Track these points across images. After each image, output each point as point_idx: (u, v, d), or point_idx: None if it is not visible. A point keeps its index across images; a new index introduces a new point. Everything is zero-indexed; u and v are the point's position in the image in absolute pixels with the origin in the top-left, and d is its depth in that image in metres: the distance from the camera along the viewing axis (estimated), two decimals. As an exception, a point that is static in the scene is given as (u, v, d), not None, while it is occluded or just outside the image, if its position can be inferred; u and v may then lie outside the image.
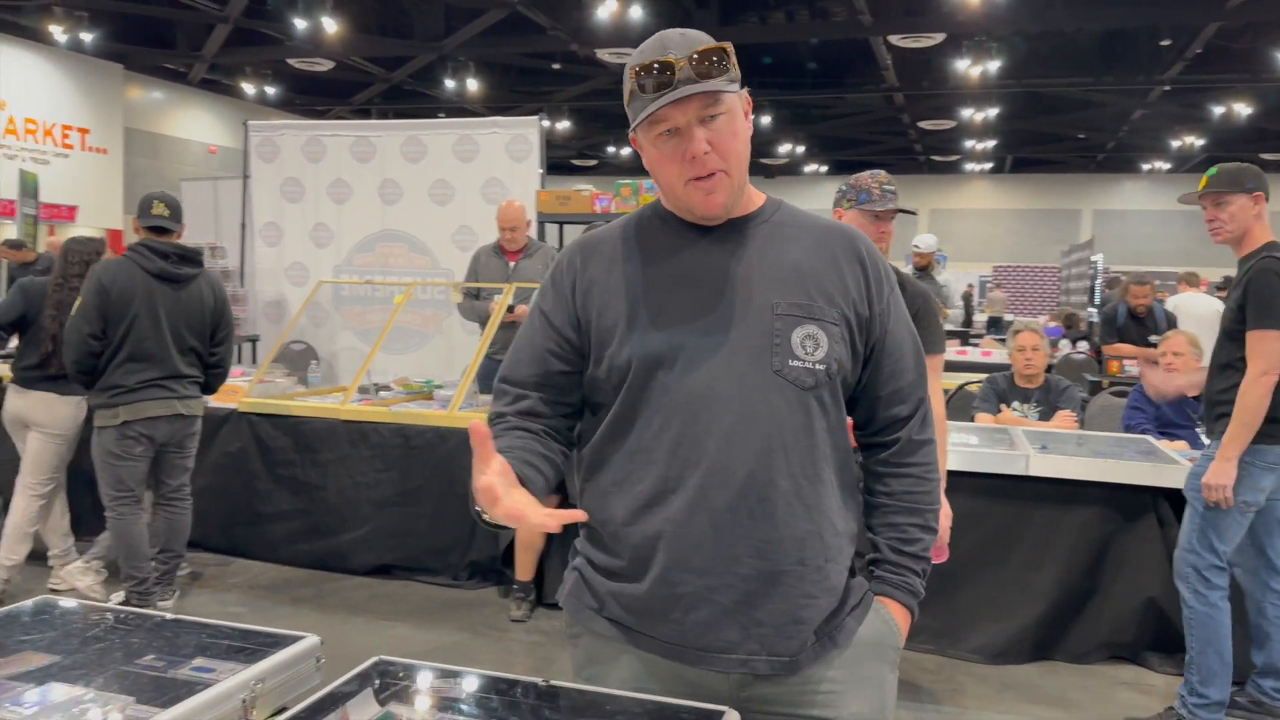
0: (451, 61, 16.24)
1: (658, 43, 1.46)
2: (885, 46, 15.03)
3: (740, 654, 1.47)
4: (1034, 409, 4.89)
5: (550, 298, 1.60)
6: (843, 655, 1.52)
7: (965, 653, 4.04)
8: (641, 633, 1.52)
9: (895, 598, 1.60)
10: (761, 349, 1.47)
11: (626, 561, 1.52)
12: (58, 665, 1.58)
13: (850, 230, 1.61)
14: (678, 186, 1.48)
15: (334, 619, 4.32)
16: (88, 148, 17.31)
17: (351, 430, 4.80)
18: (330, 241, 7.05)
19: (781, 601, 1.47)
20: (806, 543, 1.48)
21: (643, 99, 1.44)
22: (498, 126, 6.70)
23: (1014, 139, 21.92)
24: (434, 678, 1.56)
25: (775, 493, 1.45)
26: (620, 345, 1.50)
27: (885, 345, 1.57)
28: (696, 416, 1.46)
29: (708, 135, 1.44)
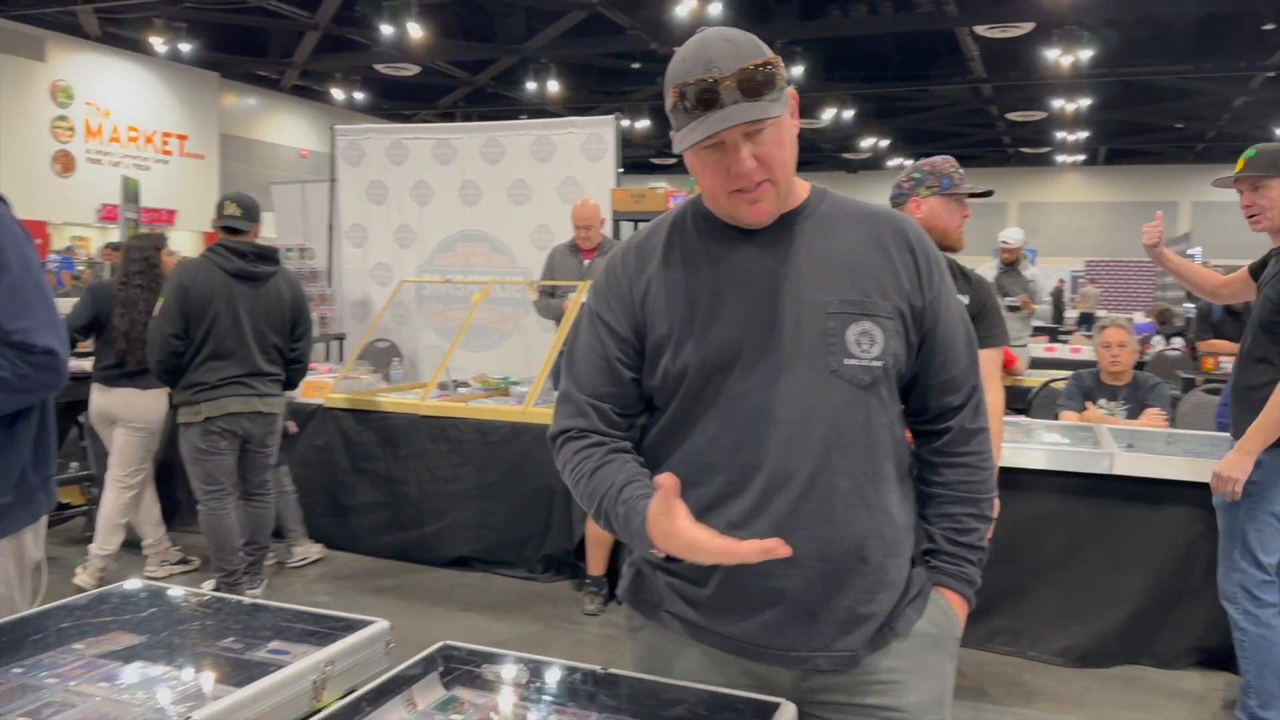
0: (533, 64, 16.43)
1: (700, 52, 1.39)
2: (971, 37, 14.73)
3: (802, 652, 1.48)
4: (1121, 407, 4.75)
5: (611, 304, 1.57)
6: (902, 645, 1.53)
7: (1045, 655, 3.95)
8: (704, 628, 1.53)
9: (952, 588, 1.60)
10: (816, 349, 1.45)
11: (690, 565, 1.50)
12: (143, 645, 1.66)
13: (897, 216, 1.57)
14: (721, 197, 1.46)
15: (414, 608, 4.42)
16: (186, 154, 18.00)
17: (431, 425, 4.90)
18: (413, 242, 7.21)
19: (844, 599, 1.47)
20: (868, 541, 1.48)
21: (686, 116, 1.40)
22: (574, 126, 6.76)
23: (1107, 130, 21.27)
24: (497, 663, 1.60)
25: (836, 494, 1.45)
26: (675, 353, 1.49)
27: (937, 334, 1.55)
28: (755, 421, 1.45)
29: (753, 149, 1.40)
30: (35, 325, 1.99)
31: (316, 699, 1.56)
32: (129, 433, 4.70)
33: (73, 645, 1.65)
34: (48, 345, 2.00)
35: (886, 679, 1.51)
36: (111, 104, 16.68)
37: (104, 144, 16.57)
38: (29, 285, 2.00)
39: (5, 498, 2.07)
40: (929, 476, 1.63)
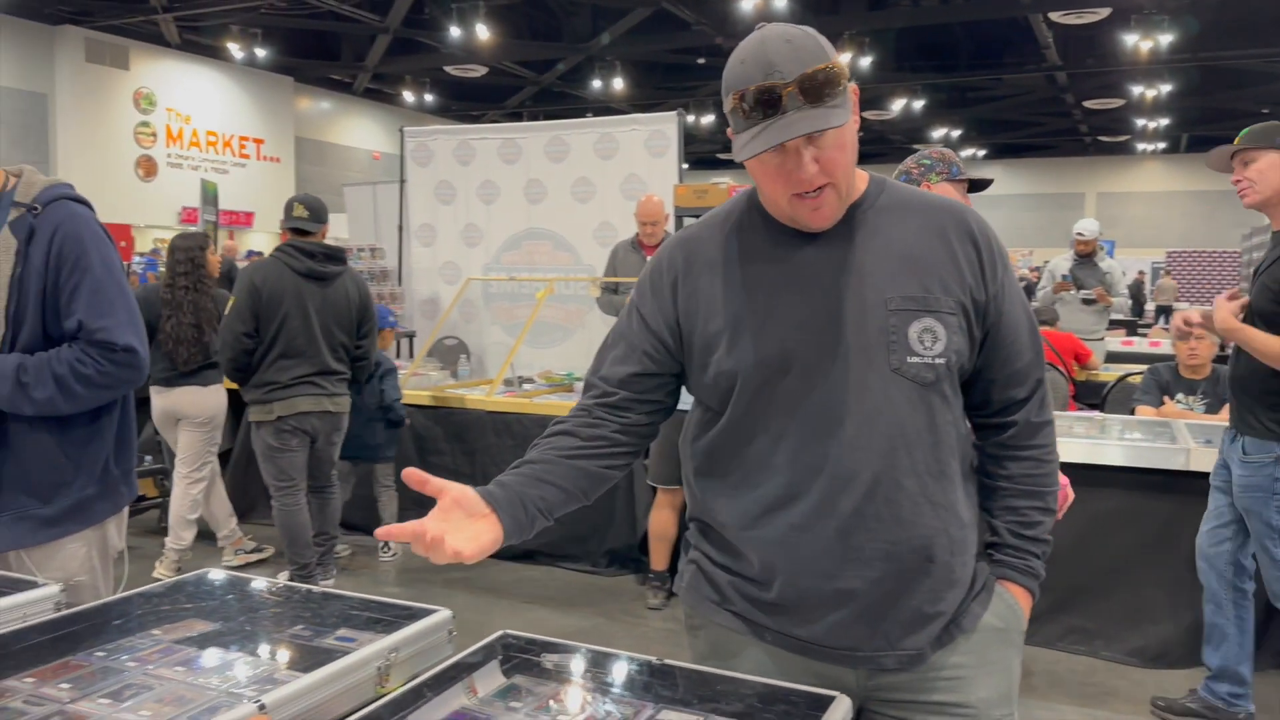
0: (599, 61, 16.51)
1: (760, 54, 1.35)
2: (1046, 24, 14.41)
3: (867, 651, 1.47)
4: (1200, 401, 4.62)
5: (650, 299, 1.56)
6: (969, 640, 1.51)
7: (1119, 655, 3.87)
8: (768, 628, 1.52)
9: (1017, 581, 1.58)
10: (877, 347, 1.42)
11: (750, 566, 1.51)
12: (217, 631, 1.71)
13: (959, 206, 1.54)
14: (782, 202, 1.43)
15: (480, 600, 4.49)
16: (262, 157, 18.45)
17: (496, 421, 4.97)
18: (480, 241, 7.30)
19: (911, 599, 1.46)
20: (935, 540, 1.45)
21: (745, 122, 1.36)
22: (636, 124, 6.78)
23: (1189, 116, 20.64)
24: (556, 652, 1.63)
25: (901, 493, 1.43)
26: (728, 352, 1.47)
27: (1001, 327, 1.52)
28: (815, 422, 1.43)
29: (815, 154, 1.36)
30: (117, 324, 2.08)
31: (381, 685, 1.60)
32: (193, 429, 4.82)
33: (151, 631, 1.71)
34: (128, 343, 2.09)
35: (954, 675, 1.50)
36: (191, 109, 17.19)
37: (184, 148, 17.09)
38: (111, 285, 2.09)
39: (89, 489, 2.17)
40: (992, 470, 1.60)
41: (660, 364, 1.56)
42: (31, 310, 2.06)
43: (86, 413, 2.14)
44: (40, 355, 2.06)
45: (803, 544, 1.45)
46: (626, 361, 1.56)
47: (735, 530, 1.52)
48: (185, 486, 4.83)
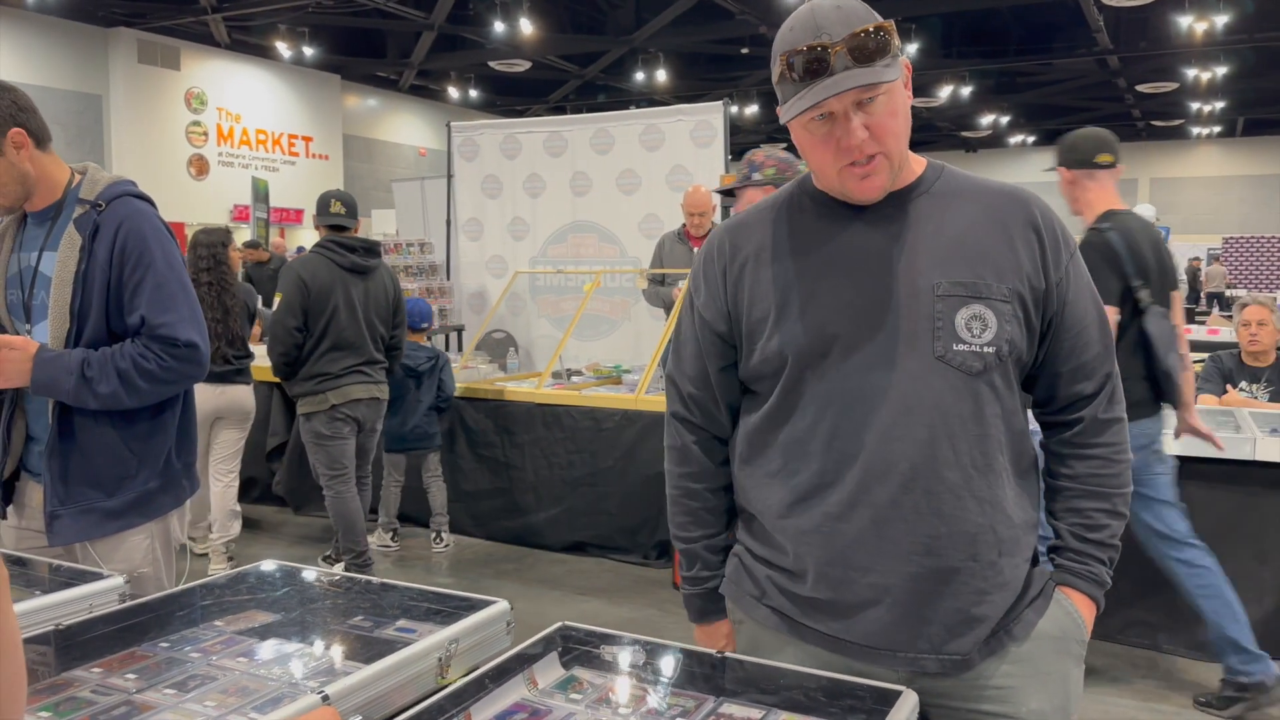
0: (642, 54, 16.47)
1: (809, 19, 1.33)
2: (1096, 7, 14.12)
3: (909, 653, 1.42)
4: (1264, 389, 4.50)
5: (703, 290, 1.55)
6: (1020, 649, 1.44)
7: (1182, 649, 3.78)
8: (806, 625, 1.48)
9: (1079, 588, 1.50)
10: (922, 333, 1.38)
11: (785, 555, 1.48)
12: (278, 623, 1.73)
13: (1022, 193, 1.48)
14: (831, 172, 1.39)
15: (532, 591, 4.51)
16: (311, 155, 18.68)
17: (546, 413, 4.98)
18: (526, 234, 7.32)
19: (953, 599, 1.40)
20: (979, 538, 1.40)
21: (794, 86, 1.34)
22: (682, 114, 6.75)
23: (1245, 99, 20.11)
24: (614, 644, 1.61)
25: (942, 486, 1.38)
26: (770, 336, 1.44)
27: (1065, 318, 1.46)
28: (852, 408, 1.40)
29: (865, 120, 1.33)
30: (178, 319, 2.10)
31: (441, 676, 1.60)
32: (233, 425, 4.86)
33: (214, 622, 1.74)
34: (190, 339, 2.11)
35: (1003, 684, 1.44)
36: (241, 108, 17.44)
37: (234, 147, 17.34)
38: (173, 281, 2.11)
39: (153, 482, 2.20)
40: (1056, 469, 1.54)
41: (723, 355, 1.54)
42: (95, 306, 2.09)
43: (149, 407, 2.17)
44: (104, 350, 2.09)
45: (837, 534, 1.42)
46: (696, 359, 1.58)
47: (773, 519, 1.49)
48: (226, 482, 4.88)
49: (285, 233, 17.34)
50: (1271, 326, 4.51)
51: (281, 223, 17.61)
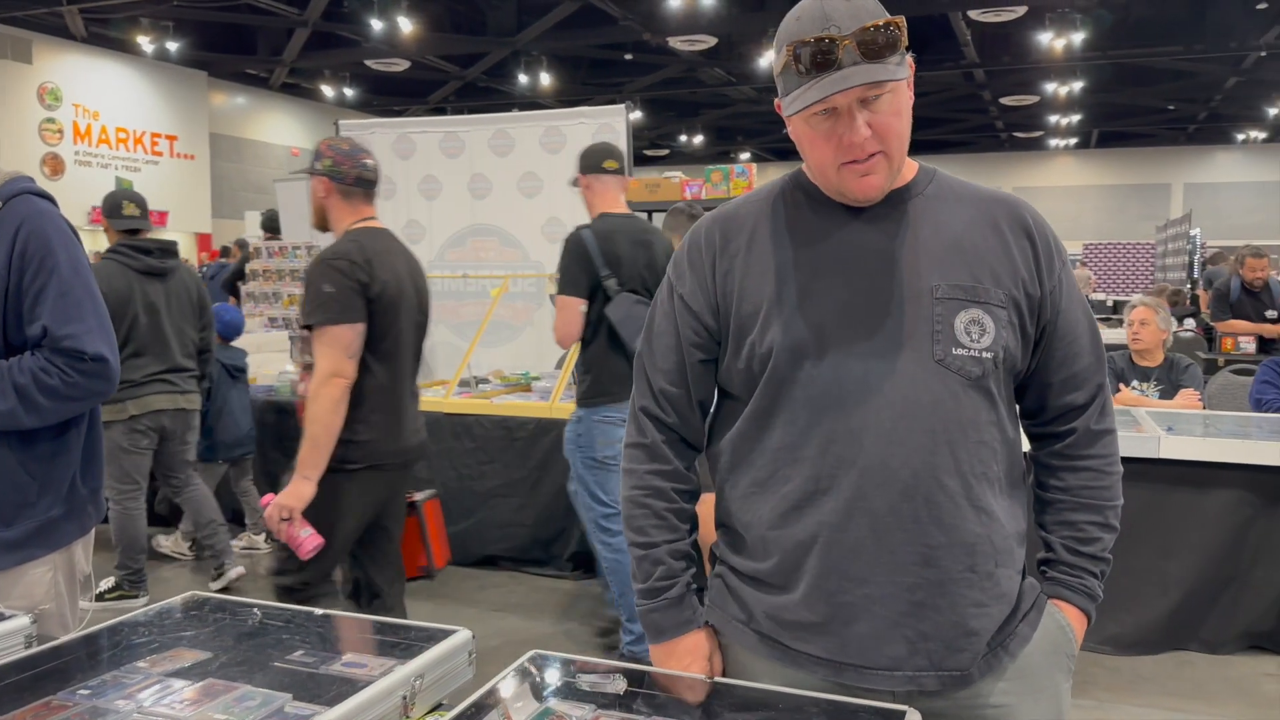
0: (524, 56, 16.31)
1: (818, 9, 1.29)
2: (965, 21, 14.67)
3: (907, 670, 1.36)
4: (1154, 388, 4.70)
5: (688, 279, 1.47)
6: (1015, 665, 1.41)
7: (1095, 643, 3.89)
8: (795, 649, 1.41)
9: (1072, 601, 1.49)
10: (921, 337, 1.34)
11: (775, 569, 1.41)
12: (212, 661, 1.58)
13: (1014, 199, 1.47)
14: (829, 170, 1.35)
15: (446, 610, 4.34)
16: (176, 154, 17.82)
17: (455, 423, 4.81)
18: (423, 238, 7.09)
19: (951, 612, 1.36)
20: (977, 547, 1.36)
21: (798, 79, 1.29)
22: (584, 117, 6.66)
23: (1100, 113, 21.27)
24: (592, 673, 1.51)
25: (942, 494, 1.34)
26: (762, 333, 1.38)
27: (1058, 327, 1.44)
28: (850, 412, 1.34)
29: (869, 118, 1.29)
30: (85, 330, 1.90)
31: (405, 715, 1.48)
32: None
33: (136, 664, 1.57)
34: (98, 352, 1.91)
35: (1000, 703, 1.40)
36: (99, 105, 16.48)
37: (93, 146, 16.38)
38: (78, 287, 1.90)
39: (55, 509, 1.98)
40: (1048, 481, 1.52)
41: (706, 349, 1.48)
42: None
43: (52, 427, 1.95)
44: (0, 364, 1.87)
45: (834, 543, 1.35)
46: (674, 351, 1.50)
47: (762, 529, 1.42)
48: None
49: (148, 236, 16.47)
50: (1154, 326, 4.70)
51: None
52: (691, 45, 14.76)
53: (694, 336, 1.47)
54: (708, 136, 24.21)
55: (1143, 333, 4.70)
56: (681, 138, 24.32)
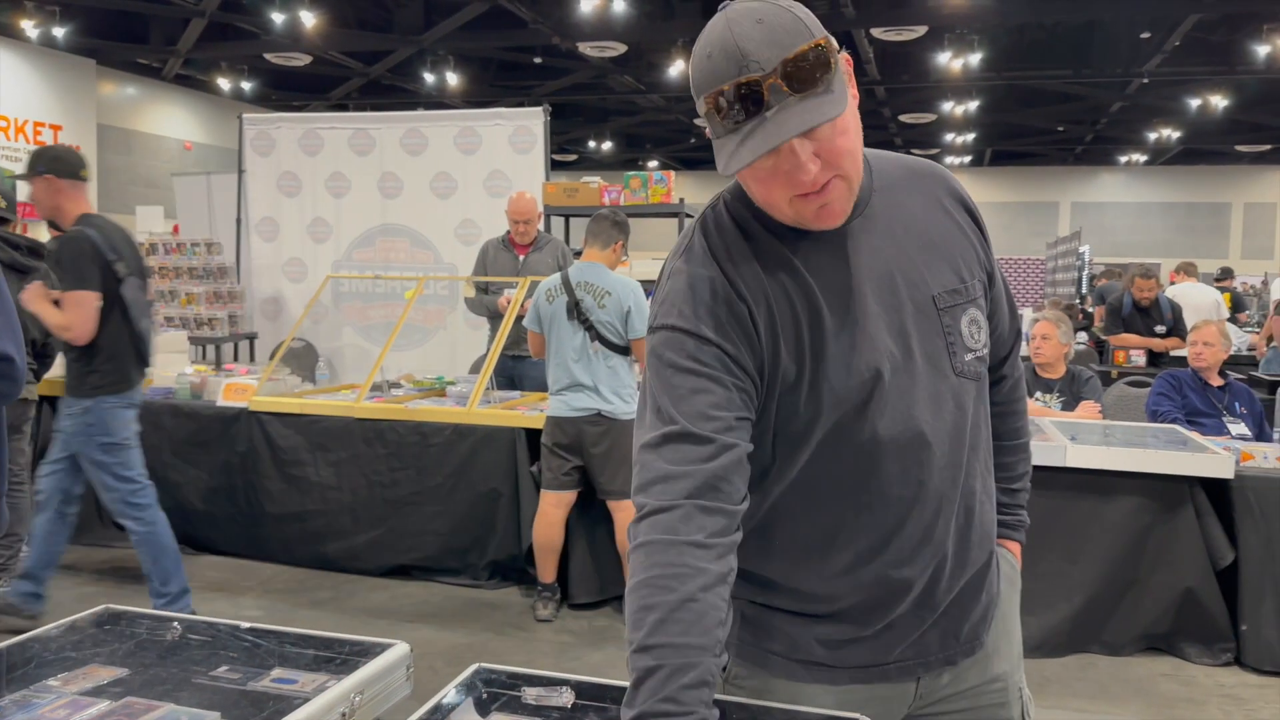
0: (431, 55, 16.07)
1: (729, 43, 1.12)
2: (867, 39, 15.02)
3: (940, 653, 1.40)
4: (1056, 399, 4.85)
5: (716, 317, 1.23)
6: (998, 612, 1.47)
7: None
8: (839, 667, 1.38)
9: (1014, 537, 1.58)
10: (939, 353, 1.30)
11: (837, 611, 1.36)
12: (131, 679, 1.50)
13: (938, 168, 1.41)
14: (783, 205, 1.20)
15: (356, 621, 4.20)
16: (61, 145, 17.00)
17: (366, 428, 4.68)
18: (329, 236, 6.91)
19: (974, 596, 1.40)
20: (992, 532, 1.43)
21: (723, 126, 1.14)
22: (501, 118, 6.58)
23: (993, 132, 22.03)
24: (537, 686, 1.47)
25: (974, 498, 1.37)
26: (811, 388, 1.25)
27: (995, 290, 1.44)
28: (904, 452, 1.28)
29: (814, 147, 1.15)
30: None
31: (342, 733, 1.42)
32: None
33: (46, 682, 1.48)
34: (5, 352, 1.78)
35: (989, 651, 1.44)
36: (-24, 91, 15.64)
37: (-32, 133, 15.53)
38: None
39: None
40: None
41: (754, 409, 1.25)
42: None
43: None
44: None
45: (902, 583, 1.33)
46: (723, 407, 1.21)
47: (816, 585, 1.35)
48: None
49: (28, 229, 15.68)
50: (1055, 340, 4.86)
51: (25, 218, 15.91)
52: (602, 51, 14.76)
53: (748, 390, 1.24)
54: (616, 143, 24.25)
55: (1044, 347, 4.85)
56: (590, 143, 24.30)
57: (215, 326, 6.77)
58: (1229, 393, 4.75)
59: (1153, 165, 24.69)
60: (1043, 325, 4.87)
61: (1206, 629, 3.91)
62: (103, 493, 3.94)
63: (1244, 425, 4.65)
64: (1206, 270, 13.37)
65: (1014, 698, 1.49)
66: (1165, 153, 23.13)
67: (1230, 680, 3.80)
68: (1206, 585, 3.88)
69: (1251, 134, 20.63)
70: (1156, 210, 23.13)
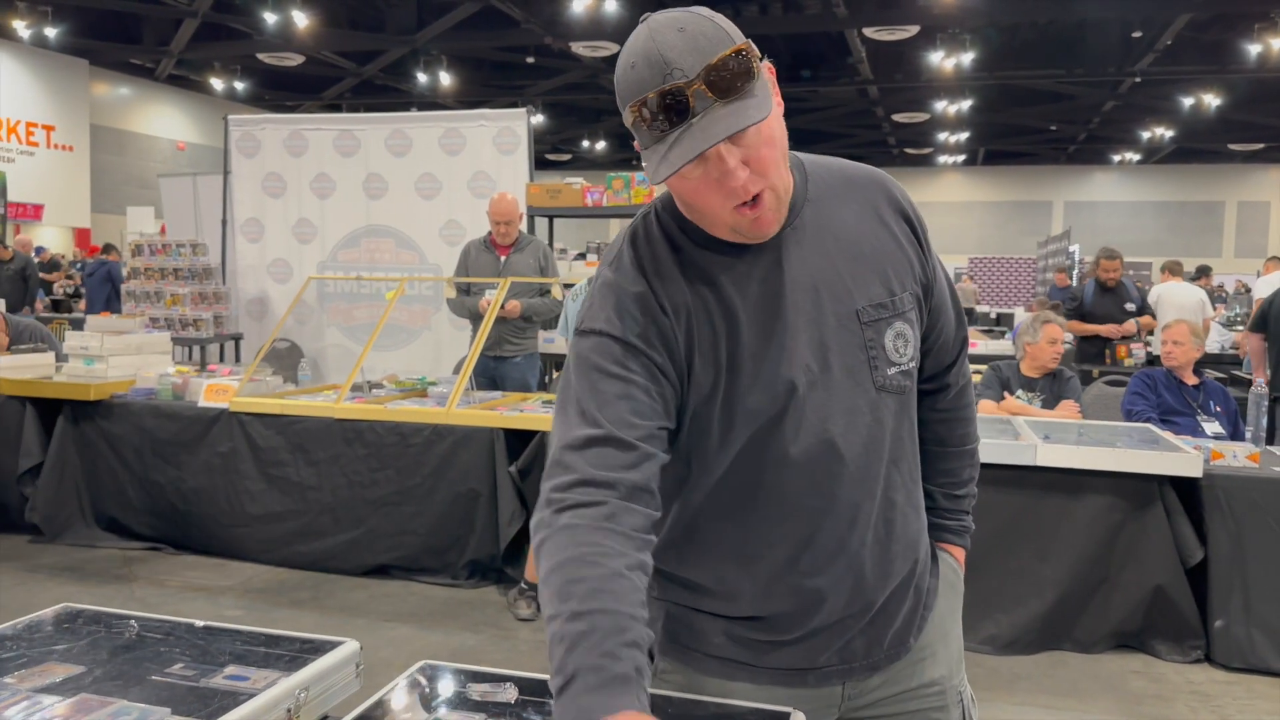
0: (424, 55, 16.08)
1: (653, 52, 1.14)
2: (859, 39, 15.04)
3: (863, 660, 1.42)
4: (1037, 398, 4.89)
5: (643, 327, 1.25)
6: (931, 616, 1.48)
7: (974, 644, 4.02)
8: (760, 667, 1.41)
9: (955, 542, 1.57)
10: (860, 366, 1.31)
11: (755, 614, 1.39)
12: (85, 676, 1.52)
13: (878, 177, 1.40)
14: (721, 215, 1.22)
15: (334, 621, 4.23)
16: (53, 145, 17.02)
17: (346, 429, 4.70)
18: (314, 237, 6.93)
19: (901, 604, 1.42)
20: (918, 541, 1.43)
21: (650, 134, 1.16)
22: (485, 119, 6.61)
23: (986, 131, 22.07)
24: (483, 682, 1.50)
25: (895, 511, 1.38)
26: (726, 399, 1.28)
27: (934, 297, 1.44)
28: (817, 462, 1.30)
29: (741, 154, 1.16)
30: None
31: (289, 729, 1.45)
32: None
33: (4, 679, 1.50)
34: None
35: (920, 657, 1.46)
36: (-31, 91, 15.64)
37: (-39, 134, 15.54)
38: None
39: None
40: (925, 435, 1.52)
41: (672, 416, 1.28)
42: None
43: None
44: None
45: (814, 590, 1.36)
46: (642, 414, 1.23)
47: (737, 586, 1.38)
48: None
49: (21, 229, 15.69)
50: (1059, 344, 4.91)
51: (19, 218, 15.92)
52: (594, 51, 14.79)
53: (666, 392, 1.27)
54: (610, 142, 24.28)
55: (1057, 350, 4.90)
56: (584, 143, 24.33)
57: (200, 327, 6.79)
58: (1204, 391, 4.79)
59: (1146, 164, 24.74)
60: (1057, 329, 4.91)
61: (1177, 626, 3.94)
62: None
63: (1219, 424, 4.69)
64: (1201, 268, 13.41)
65: (953, 701, 1.50)
66: (1158, 152, 23.18)
67: (1200, 677, 3.83)
68: (1176, 583, 3.91)
69: (1244, 133, 20.69)
70: (1150, 209, 23.18)
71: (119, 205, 16.69)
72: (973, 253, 21.84)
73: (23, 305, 9.68)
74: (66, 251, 16.06)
